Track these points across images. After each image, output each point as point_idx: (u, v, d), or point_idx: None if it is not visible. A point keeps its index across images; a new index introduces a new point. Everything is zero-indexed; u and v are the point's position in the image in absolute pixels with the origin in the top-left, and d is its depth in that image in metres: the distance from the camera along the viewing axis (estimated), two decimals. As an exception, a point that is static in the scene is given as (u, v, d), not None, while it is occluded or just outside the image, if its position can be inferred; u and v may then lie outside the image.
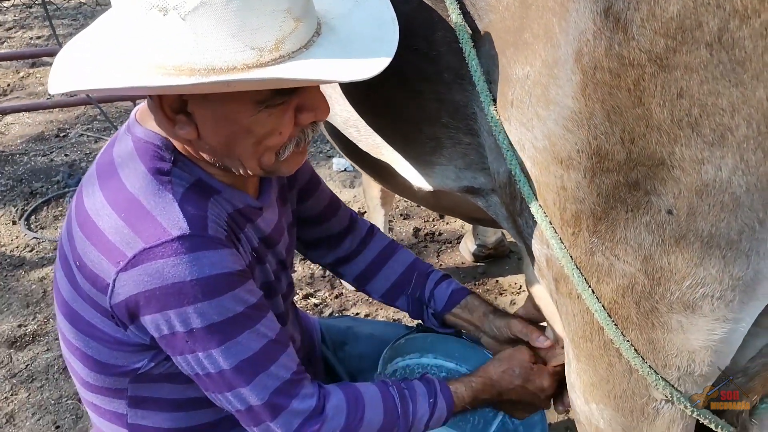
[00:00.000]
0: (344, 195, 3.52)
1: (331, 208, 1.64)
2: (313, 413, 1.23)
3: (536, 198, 1.05)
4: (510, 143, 1.04)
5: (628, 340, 1.06)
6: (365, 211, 3.06)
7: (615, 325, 1.05)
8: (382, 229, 1.96)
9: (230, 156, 1.17)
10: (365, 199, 2.86)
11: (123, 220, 1.12)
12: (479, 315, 1.57)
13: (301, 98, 1.13)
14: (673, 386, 1.08)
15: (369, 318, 2.77)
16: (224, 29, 0.97)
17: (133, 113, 1.25)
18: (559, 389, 1.48)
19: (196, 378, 1.20)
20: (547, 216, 1.04)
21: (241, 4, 0.96)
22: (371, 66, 1.03)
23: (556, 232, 1.05)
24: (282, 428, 1.21)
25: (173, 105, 1.10)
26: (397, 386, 1.34)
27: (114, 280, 1.12)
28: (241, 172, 1.20)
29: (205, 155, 1.18)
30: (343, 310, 2.86)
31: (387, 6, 1.14)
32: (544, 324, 1.47)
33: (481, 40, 1.05)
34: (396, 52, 1.08)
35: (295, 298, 2.29)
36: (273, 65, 1.01)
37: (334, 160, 3.81)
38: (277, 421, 1.21)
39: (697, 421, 1.14)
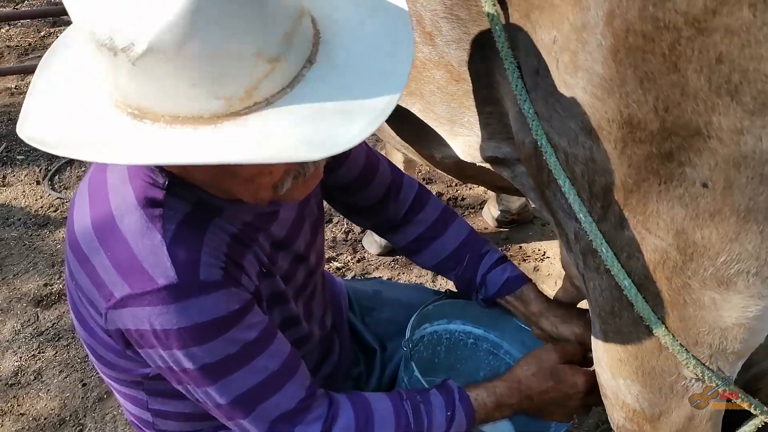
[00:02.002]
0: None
1: (366, 176, 1.49)
2: None
3: (564, 170, 1.00)
4: (536, 113, 0.99)
5: (659, 318, 1.02)
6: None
7: (645, 301, 1.01)
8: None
9: (223, 190, 1.09)
10: (388, 162, 2.81)
11: (109, 260, 1.05)
12: (534, 310, 1.49)
13: None
14: (704, 365, 1.04)
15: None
16: (182, 77, 0.82)
17: None
18: (592, 389, 1.36)
19: (197, 402, 1.17)
20: (574, 189, 1.00)
21: (198, 50, 0.80)
22: (360, 125, 0.84)
23: (584, 205, 1.00)
24: None
25: None
26: (411, 399, 1.27)
27: (105, 314, 1.08)
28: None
29: (198, 183, 1.09)
30: (366, 273, 2.85)
31: (405, 21, 0.95)
32: (584, 302, 1.41)
33: (504, 3, 0.99)
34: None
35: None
36: (246, 114, 0.85)
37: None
38: None
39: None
